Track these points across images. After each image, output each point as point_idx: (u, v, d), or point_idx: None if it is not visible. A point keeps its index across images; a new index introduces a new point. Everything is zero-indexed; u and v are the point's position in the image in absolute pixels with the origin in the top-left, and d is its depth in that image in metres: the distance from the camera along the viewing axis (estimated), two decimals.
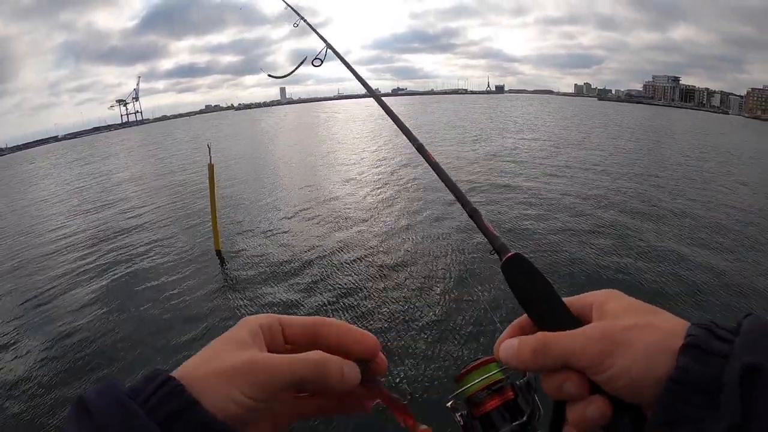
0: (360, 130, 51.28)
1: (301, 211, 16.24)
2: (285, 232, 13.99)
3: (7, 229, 19.34)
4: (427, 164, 1.17)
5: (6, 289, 11.79)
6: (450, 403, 0.94)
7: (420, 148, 1.24)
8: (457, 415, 0.92)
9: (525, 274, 0.86)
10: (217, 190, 12.50)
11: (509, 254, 0.88)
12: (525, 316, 0.79)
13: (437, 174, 1.15)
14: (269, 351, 0.51)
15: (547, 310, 0.78)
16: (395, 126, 1.33)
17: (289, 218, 15.50)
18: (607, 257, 10.97)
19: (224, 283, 10.70)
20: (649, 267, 10.40)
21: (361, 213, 15.53)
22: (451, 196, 1.01)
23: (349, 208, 16.19)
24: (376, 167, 24.60)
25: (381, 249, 11.93)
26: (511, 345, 0.69)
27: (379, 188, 19.31)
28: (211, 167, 12.18)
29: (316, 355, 0.51)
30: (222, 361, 0.47)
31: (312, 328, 0.55)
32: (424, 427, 0.57)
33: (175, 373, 0.45)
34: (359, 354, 0.55)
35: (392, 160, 25.62)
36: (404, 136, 1.27)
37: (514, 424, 0.82)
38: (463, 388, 0.89)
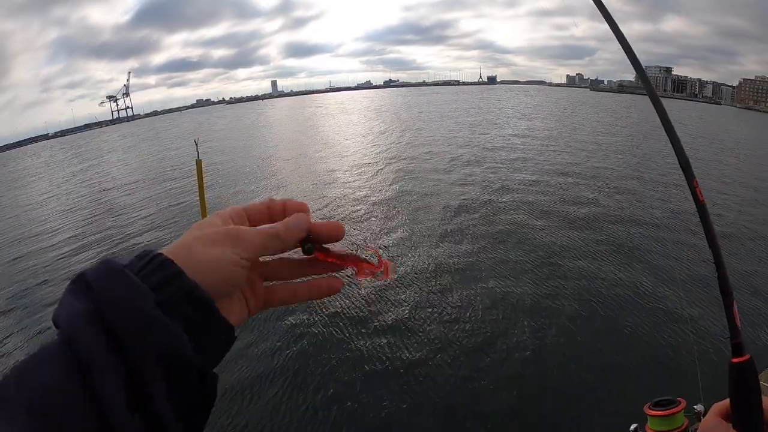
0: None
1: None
2: None
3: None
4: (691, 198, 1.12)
5: None
6: (634, 427, 1.25)
7: (686, 170, 1.15)
8: None
9: (750, 386, 0.93)
10: (205, 185, 12.29)
11: (744, 358, 0.95)
12: (728, 403, 0.97)
13: (701, 219, 1.11)
14: None
15: (752, 427, 0.92)
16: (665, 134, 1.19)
17: None
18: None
19: None
20: None
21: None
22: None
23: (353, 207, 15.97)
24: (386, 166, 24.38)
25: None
26: None
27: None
28: (199, 163, 11.93)
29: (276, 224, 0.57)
30: (208, 231, 0.52)
31: (266, 210, 0.59)
32: (382, 259, 0.60)
33: (164, 250, 0.49)
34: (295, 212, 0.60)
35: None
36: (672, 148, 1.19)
37: None
38: (650, 428, 1.17)
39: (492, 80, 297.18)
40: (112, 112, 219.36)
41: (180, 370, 0.43)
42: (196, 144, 11.98)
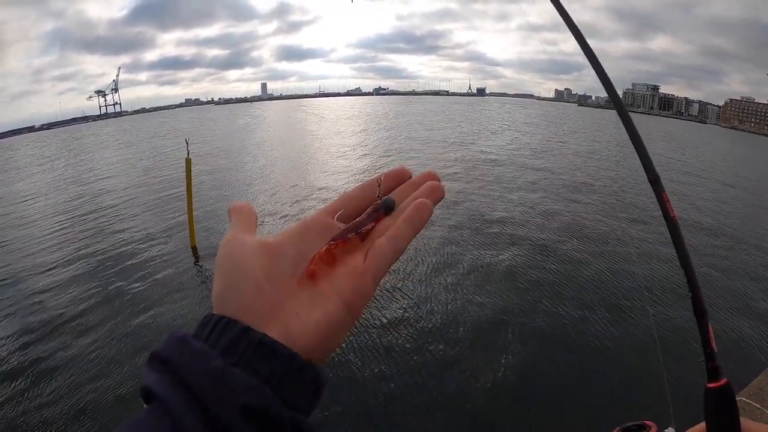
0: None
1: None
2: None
3: None
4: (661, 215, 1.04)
5: None
6: None
7: (655, 183, 1.08)
8: None
9: (728, 411, 0.90)
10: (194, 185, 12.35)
11: (721, 382, 0.91)
12: (704, 427, 0.91)
13: (672, 237, 1.02)
14: None
15: None
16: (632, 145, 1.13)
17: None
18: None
19: (198, 280, 10.53)
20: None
21: None
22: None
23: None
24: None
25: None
26: None
27: None
28: (188, 162, 11.99)
29: None
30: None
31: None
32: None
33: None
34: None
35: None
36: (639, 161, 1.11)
37: None
38: None
39: (481, 92, 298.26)
40: (99, 107, 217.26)
41: (272, 426, 0.40)
42: (187, 143, 12.04)
